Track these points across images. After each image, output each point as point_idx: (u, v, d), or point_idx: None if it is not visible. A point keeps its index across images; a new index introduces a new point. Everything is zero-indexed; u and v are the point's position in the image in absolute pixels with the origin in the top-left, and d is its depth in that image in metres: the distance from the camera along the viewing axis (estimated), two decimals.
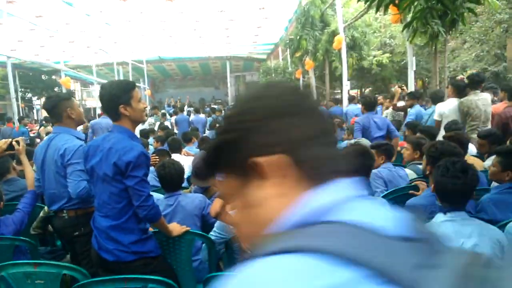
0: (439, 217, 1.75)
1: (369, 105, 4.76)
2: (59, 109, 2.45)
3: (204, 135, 6.70)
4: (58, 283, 1.82)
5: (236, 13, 11.02)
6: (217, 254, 2.22)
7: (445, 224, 1.69)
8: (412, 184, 2.76)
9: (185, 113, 10.17)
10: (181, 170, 2.48)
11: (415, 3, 4.12)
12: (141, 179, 1.86)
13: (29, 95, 20.56)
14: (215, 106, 13.62)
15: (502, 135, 3.53)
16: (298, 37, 10.92)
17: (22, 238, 2.32)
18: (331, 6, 10.83)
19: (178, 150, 4.30)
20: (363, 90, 17.11)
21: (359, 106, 7.11)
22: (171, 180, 2.42)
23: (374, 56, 12.17)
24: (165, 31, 13.39)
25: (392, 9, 4.87)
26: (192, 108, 12.61)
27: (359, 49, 10.60)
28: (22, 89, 18.93)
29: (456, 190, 1.69)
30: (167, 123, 8.44)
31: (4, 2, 7.74)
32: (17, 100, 11.22)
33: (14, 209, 2.55)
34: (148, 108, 17.09)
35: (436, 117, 4.60)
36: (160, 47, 16.55)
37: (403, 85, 9.24)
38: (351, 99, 8.13)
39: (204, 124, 8.98)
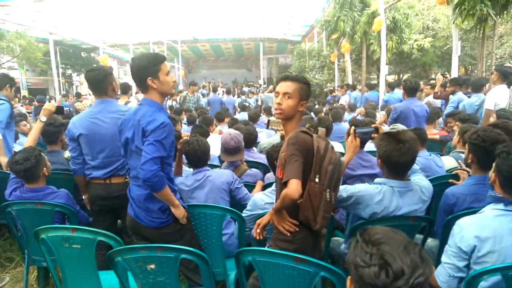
0: (492, 209, 1.60)
1: (410, 90, 4.54)
2: (105, 83, 2.52)
3: (234, 116, 6.71)
4: (94, 248, 1.89)
5: None
6: (245, 229, 2.22)
7: (500, 219, 1.54)
8: (453, 172, 2.62)
9: (217, 94, 10.25)
10: (205, 145, 2.51)
11: None
12: (150, 142, 1.87)
13: (69, 71, 21.33)
14: (245, 89, 13.57)
15: None
16: (335, 18, 10.56)
17: (62, 204, 2.42)
18: None
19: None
20: (401, 76, 16.44)
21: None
22: (195, 155, 2.46)
23: (415, 40, 11.61)
24: (200, 11, 13.37)
25: None
26: (224, 89, 12.66)
27: (400, 32, 10.12)
28: (63, 66, 19.67)
29: None
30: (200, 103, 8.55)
31: None
32: (58, 76, 11.73)
33: (53, 179, 2.67)
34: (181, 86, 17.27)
35: (488, 106, 4.21)
36: (195, 28, 16.58)
37: (446, 73, 8.76)
38: (395, 86, 7.71)
39: (234, 105, 9.08)
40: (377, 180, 2.07)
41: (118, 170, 2.50)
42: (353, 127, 2.30)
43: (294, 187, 1.56)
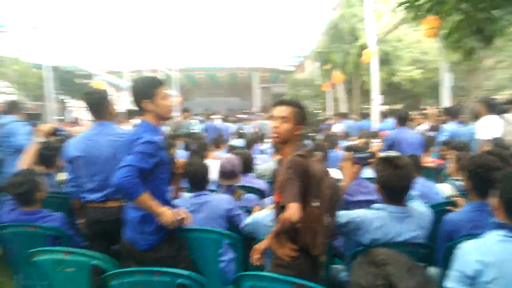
0: (495, 235, 1.57)
1: (401, 119, 4.64)
2: (103, 105, 2.55)
3: (230, 143, 6.73)
4: (87, 272, 1.83)
5: (265, 25, 11.16)
6: (244, 254, 2.18)
7: (504, 245, 1.50)
8: (451, 200, 2.63)
9: (213, 121, 10.35)
10: (206, 167, 2.52)
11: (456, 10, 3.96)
12: (132, 153, 1.87)
13: (63, 97, 21.32)
14: (242, 116, 13.71)
15: None
16: (327, 50, 10.89)
17: (55, 227, 2.36)
18: (362, 20, 10.76)
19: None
20: (392, 106, 16.77)
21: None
22: (196, 176, 2.47)
23: (406, 72, 11.93)
24: (195, 40, 13.70)
25: (426, 22, 4.76)
26: (219, 116, 12.77)
27: (390, 64, 10.43)
28: (58, 91, 19.67)
29: None
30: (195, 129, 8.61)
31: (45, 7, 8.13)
32: (53, 101, 11.74)
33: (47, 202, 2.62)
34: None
35: (482, 136, 4.22)
36: (191, 56, 16.91)
37: (438, 107, 8.98)
38: (387, 115, 7.90)
39: (230, 131, 9.16)
40: (375, 205, 2.08)
41: (114, 193, 2.47)
42: (351, 152, 2.32)
43: (293, 211, 1.55)
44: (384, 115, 8.04)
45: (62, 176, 3.05)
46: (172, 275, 1.57)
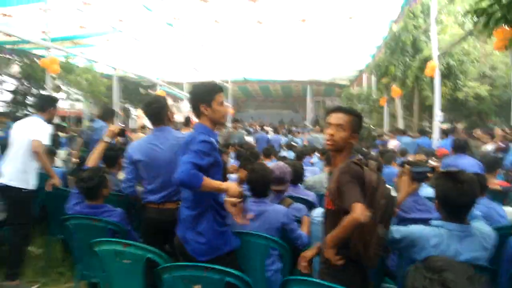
0: None
1: (459, 148, 4.37)
2: (162, 113, 2.72)
3: (280, 154, 6.76)
4: (141, 265, 1.94)
5: (322, 38, 11.09)
6: (291, 263, 2.17)
7: None
8: None
9: (265, 132, 10.48)
10: (269, 175, 2.56)
11: None
12: (188, 152, 1.93)
13: (128, 105, 22.90)
14: (294, 128, 13.69)
15: None
16: (386, 63, 10.54)
17: (115, 222, 2.53)
18: (425, 32, 10.31)
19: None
20: (455, 124, 15.74)
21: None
22: (258, 183, 2.50)
23: (471, 87, 11.19)
24: (251, 53, 14.00)
25: (497, 34, 4.45)
26: (271, 128, 12.89)
27: (454, 79, 9.83)
28: (122, 100, 21.17)
29: None
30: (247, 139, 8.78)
31: (116, 20, 8.82)
32: (118, 109, 12.66)
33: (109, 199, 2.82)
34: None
35: None
36: (245, 68, 17.32)
37: (505, 128, 8.28)
38: (446, 133, 7.48)
39: (281, 143, 9.21)
40: (433, 222, 1.96)
41: (172, 195, 2.58)
42: (408, 166, 2.23)
43: (360, 211, 1.52)
44: (445, 133, 7.57)
45: (122, 175, 3.27)
46: (222, 272, 1.61)
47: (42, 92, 14.49)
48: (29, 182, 3.39)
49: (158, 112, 2.71)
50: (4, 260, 3.32)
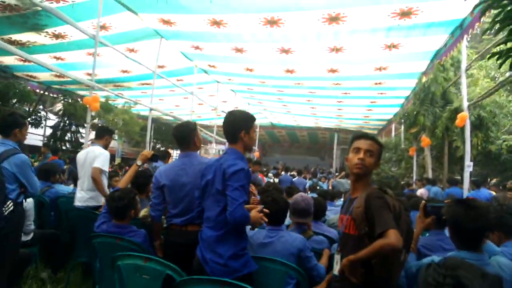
0: None
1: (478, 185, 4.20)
2: (190, 137, 2.84)
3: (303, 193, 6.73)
4: (161, 281, 1.97)
5: (350, 87, 11.32)
6: None
7: None
8: None
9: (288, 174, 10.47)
10: (287, 205, 2.63)
11: None
12: (235, 188, 2.02)
13: (159, 145, 23.76)
14: (319, 174, 13.58)
15: None
16: (414, 113, 10.51)
17: (138, 242, 2.60)
18: (455, 85, 10.32)
19: None
20: (488, 180, 15.06)
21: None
22: (278, 211, 2.54)
23: (505, 141, 10.87)
24: (281, 101, 14.41)
25: None
26: (295, 172, 12.89)
27: (486, 130, 9.62)
28: (154, 140, 22.03)
29: None
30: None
31: (156, 66, 9.51)
32: (149, 148, 13.18)
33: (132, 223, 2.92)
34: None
35: None
36: (274, 115, 17.73)
37: None
38: (478, 184, 7.24)
39: (305, 185, 9.16)
40: (449, 253, 1.92)
41: (195, 218, 2.64)
42: (423, 202, 2.25)
43: (395, 237, 1.53)
44: (476, 184, 7.30)
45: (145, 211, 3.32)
46: (238, 287, 1.62)
47: (81, 129, 15.47)
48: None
49: (185, 135, 2.81)
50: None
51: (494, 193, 8.20)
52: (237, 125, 2.24)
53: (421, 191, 8.63)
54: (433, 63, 8.51)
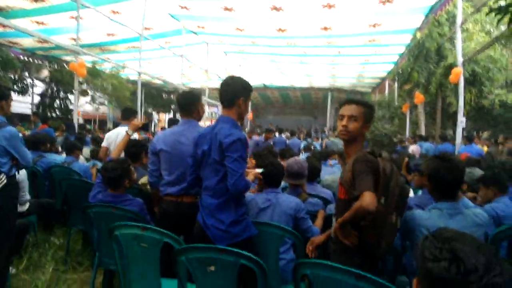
0: None
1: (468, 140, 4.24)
2: (193, 105, 2.77)
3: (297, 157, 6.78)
4: (159, 249, 2.00)
5: (344, 46, 11.06)
6: (304, 255, 2.19)
7: None
8: None
9: (283, 135, 10.48)
10: (283, 169, 2.68)
11: None
12: (234, 159, 2.01)
13: (150, 109, 23.48)
14: (313, 133, 13.63)
15: None
16: (409, 69, 10.39)
17: (135, 211, 2.62)
18: (450, 40, 10.14)
19: None
20: (480, 133, 15.28)
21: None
22: (274, 175, 2.61)
23: (497, 95, 10.90)
24: (273, 61, 14.10)
25: None
26: (288, 133, 12.93)
27: (479, 85, 9.60)
28: (145, 104, 21.72)
29: None
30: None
31: (142, 28, 9.15)
32: (140, 113, 13.01)
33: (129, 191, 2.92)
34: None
35: None
36: (266, 75, 17.43)
37: None
38: (470, 139, 7.33)
39: (299, 147, 9.20)
40: (429, 206, 2.03)
41: (190, 187, 2.58)
42: (406, 160, 2.32)
43: (369, 199, 1.54)
44: (468, 139, 7.39)
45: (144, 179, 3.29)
46: (236, 255, 1.65)
47: (70, 96, 15.15)
48: None
49: (189, 103, 2.75)
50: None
51: (485, 148, 8.34)
52: (237, 91, 2.19)
53: (413, 148, 8.74)
54: (428, 18, 8.28)
